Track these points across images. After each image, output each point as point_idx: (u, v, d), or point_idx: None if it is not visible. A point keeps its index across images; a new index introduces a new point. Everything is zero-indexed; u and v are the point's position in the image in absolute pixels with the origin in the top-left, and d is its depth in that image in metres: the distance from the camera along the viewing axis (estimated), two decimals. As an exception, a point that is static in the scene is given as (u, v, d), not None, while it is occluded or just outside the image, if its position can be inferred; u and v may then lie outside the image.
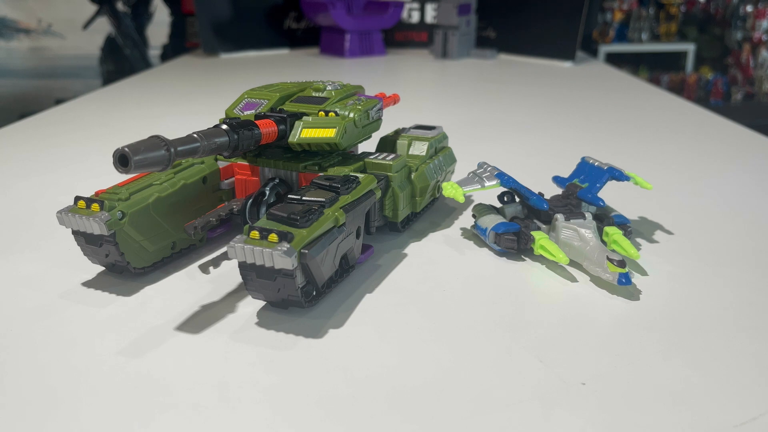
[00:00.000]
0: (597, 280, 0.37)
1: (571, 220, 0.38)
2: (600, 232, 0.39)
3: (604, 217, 0.41)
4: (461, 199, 0.40)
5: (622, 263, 0.34)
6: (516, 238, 0.39)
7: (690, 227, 0.45)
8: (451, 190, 0.41)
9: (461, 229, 0.45)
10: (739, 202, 0.51)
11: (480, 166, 0.43)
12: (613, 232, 0.38)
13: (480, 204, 0.43)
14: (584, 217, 0.38)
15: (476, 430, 0.25)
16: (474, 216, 0.43)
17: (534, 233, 0.39)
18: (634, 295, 0.36)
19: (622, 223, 0.41)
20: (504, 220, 0.40)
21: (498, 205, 0.43)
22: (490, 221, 0.40)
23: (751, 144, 0.70)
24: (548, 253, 0.37)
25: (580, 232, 0.37)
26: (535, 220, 0.41)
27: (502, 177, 0.41)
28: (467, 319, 0.33)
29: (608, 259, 0.35)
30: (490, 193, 0.49)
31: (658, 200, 0.51)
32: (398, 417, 0.26)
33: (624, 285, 0.34)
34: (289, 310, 0.34)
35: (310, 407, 0.26)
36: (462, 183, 0.42)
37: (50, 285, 0.37)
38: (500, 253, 0.41)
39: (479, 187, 0.41)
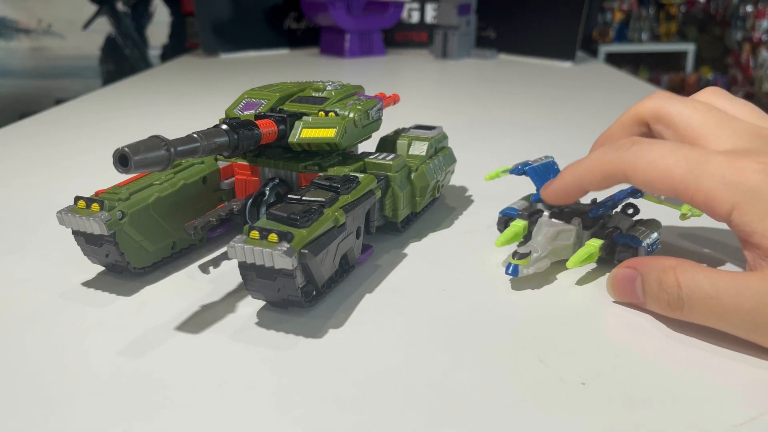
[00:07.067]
0: (597, 281, 0.37)
1: (552, 219, 0.39)
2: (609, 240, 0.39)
3: (604, 228, 0.39)
4: (488, 179, 0.45)
5: (522, 256, 0.35)
6: (504, 222, 0.42)
7: (691, 227, 0.45)
8: (494, 173, 0.45)
9: (461, 229, 0.45)
10: (739, 202, 0.51)
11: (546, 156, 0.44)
12: (589, 241, 0.38)
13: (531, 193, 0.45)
14: (570, 221, 0.39)
15: (476, 430, 0.25)
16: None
17: (515, 220, 0.40)
18: (634, 295, 0.36)
19: (629, 245, 0.38)
20: (522, 206, 0.42)
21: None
22: (514, 204, 0.43)
23: (751, 144, 0.69)
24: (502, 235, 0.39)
25: (541, 227, 0.38)
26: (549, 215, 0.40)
27: (517, 166, 0.42)
28: (467, 319, 0.33)
29: (515, 251, 0.36)
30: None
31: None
32: (398, 417, 0.26)
33: (508, 275, 0.35)
34: (289, 310, 0.34)
35: (309, 407, 0.26)
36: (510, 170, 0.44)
37: (50, 285, 0.37)
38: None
39: (501, 169, 0.45)
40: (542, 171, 0.42)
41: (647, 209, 0.43)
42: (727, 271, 0.30)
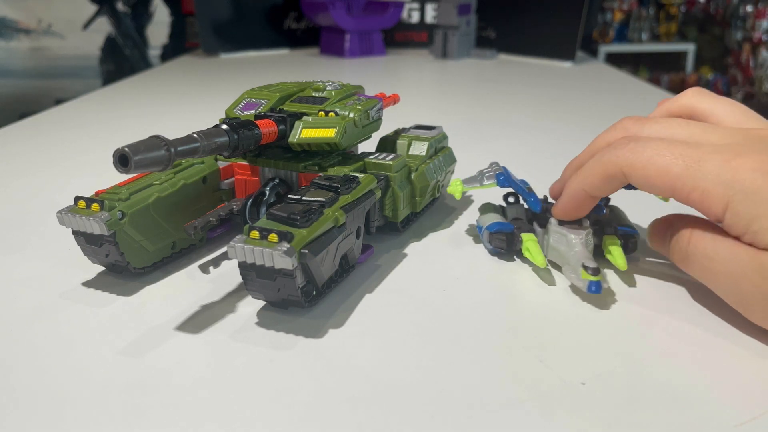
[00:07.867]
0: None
1: (564, 225, 0.38)
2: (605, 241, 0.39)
3: (608, 226, 0.40)
4: (457, 196, 0.42)
5: (596, 271, 0.34)
6: (506, 238, 0.39)
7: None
8: (453, 186, 0.42)
9: (461, 229, 0.45)
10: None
11: (490, 164, 0.43)
12: (610, 241, 0.38)
13: (488, 203, 0.44)
14: (580, 224, 0.38)
15: (476, 430, 0.25)
16: (479, 212, 0.43)
17: (523, 235, 0.39)
18: (634, 295, 0.36)
19: (628, 234, 0.39)
20: (501, 220, 0.40)
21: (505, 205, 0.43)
22: (488, 219, 0.41)
23: (751, 144, 0.69)
24: (530, 254, 0.37)
25: (568, 237, 0.37)
26: (535, 223, 0.40)
27: (499, 177, 0.41)
28: (467, 319, 0.33)
29: (583, 266, 0.34)
30: (499, 194, 0.49)
31: (660, 201, 0.51)
32: (398, 417, 0.26)
33: (593, 293, 0.34)
34: (289, 310, 0.34)
35: (309, 407, 0.26)
36: (467, 181, 0.42)
37: (50, 285, 0.37)
38: (493, 252, 0.41)
39: (478, 185, 0.42)
40: (513, 178, 0.42)
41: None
42: (730, 239, 0.31)
